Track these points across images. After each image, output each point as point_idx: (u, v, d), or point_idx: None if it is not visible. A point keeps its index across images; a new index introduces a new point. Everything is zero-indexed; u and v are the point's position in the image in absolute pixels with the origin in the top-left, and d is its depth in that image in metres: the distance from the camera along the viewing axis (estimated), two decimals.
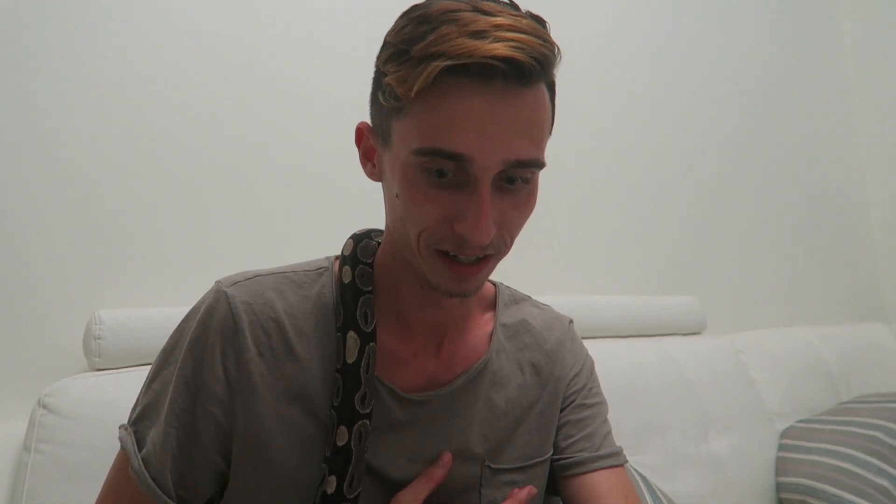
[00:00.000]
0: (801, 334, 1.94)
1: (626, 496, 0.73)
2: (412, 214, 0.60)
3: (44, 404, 1.06)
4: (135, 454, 0.66)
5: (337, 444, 0.65)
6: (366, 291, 0.69)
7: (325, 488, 0.64)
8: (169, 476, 0.66)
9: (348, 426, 0.65)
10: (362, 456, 0.66)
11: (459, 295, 0.64)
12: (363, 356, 0.66)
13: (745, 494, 1.54)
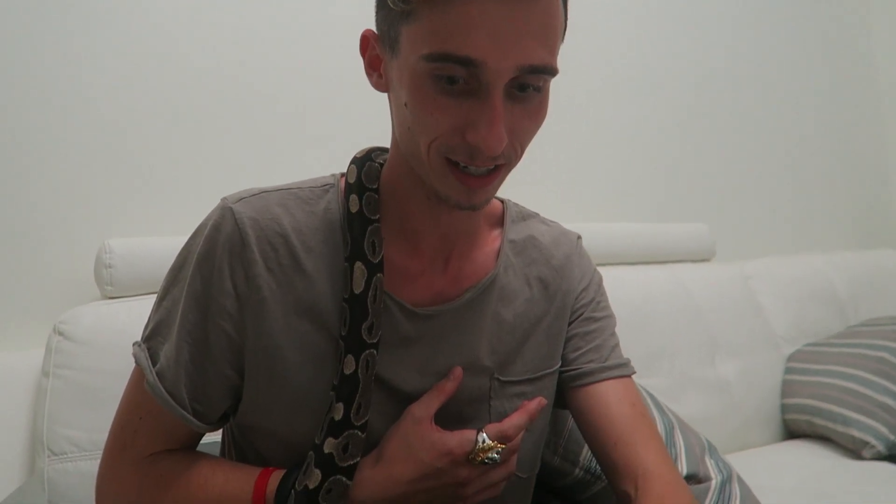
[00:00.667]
0: (810, 261, 1.94)
1: (634, 405, 0.74)
2: (422, 124, 0.59)
3: (59, 331, 1.08)
4: (149, 369, 0.67)
5: (344, 373, 0.65)
6: (373, 220, 0.68)
7: (333, 415, 0.65)
8: (184, 389, 0.67)
9: (356, 355, 0.65)
10: (369, 384, 0.66)
11: (469, 208, 0.63)
12: (370, 287, 0.66)
13: (751, 416, 1.57)
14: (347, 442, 0.64)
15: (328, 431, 0.65)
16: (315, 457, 0.64)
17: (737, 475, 0.96)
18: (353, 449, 0.65)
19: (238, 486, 0.68)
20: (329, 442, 0.64)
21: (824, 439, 1.52)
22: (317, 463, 0.64)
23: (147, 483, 0.69)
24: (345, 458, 0.64)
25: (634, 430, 0.71)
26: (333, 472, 0.64)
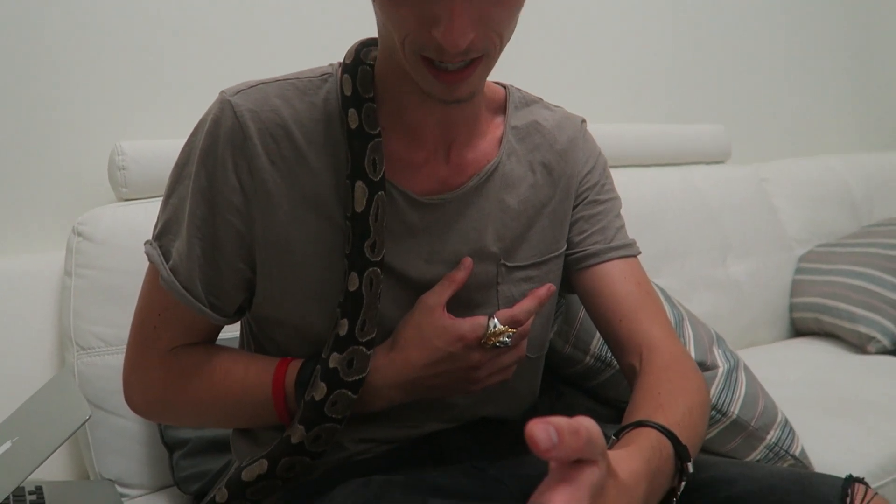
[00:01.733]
0: (826, 163, 1.91)
1: (639, 283, 0.75)
2: (391, 20, 0.58)
3: (78, 232, 1.09)
4: (163, 265, 0.68)
5: (349, 290, 0.66)
6: (373, 135, 0.67)
7: (338, 331, 0.66)
8: (199, 284, 0.68)
9: (359, 273, 0.66)
10: (374, 302, 0.67)
11: (453, 101, 0.63)
12: (371, 205, 0.67)
13: (760, 315, 1.60)
14: (352, 357, 0.66)
15: (333, 346, 0.66)
16: (321, 370, 0.66)
17: (743, 364, 0.98)
18: (357, 364, 0.66)
19: (258, 375, 0.70)
20: (334, 357, 0.65)
21: (831, 336, 1.54)
22: (322, 376, 0.65)
23: (171, 376, 0.72)
24: (350, 373, 0.66)
25: (639, 307, 0.73)
26: (338, 386, 0.65)
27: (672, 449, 0.56)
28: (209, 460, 0.95)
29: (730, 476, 0.66)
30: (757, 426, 0.92)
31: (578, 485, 0.40)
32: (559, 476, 0.40)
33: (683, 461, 0.56)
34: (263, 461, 0.68)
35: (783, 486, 0.63)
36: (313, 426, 0.66)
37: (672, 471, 0.56)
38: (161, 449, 1.02)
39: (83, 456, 1.06)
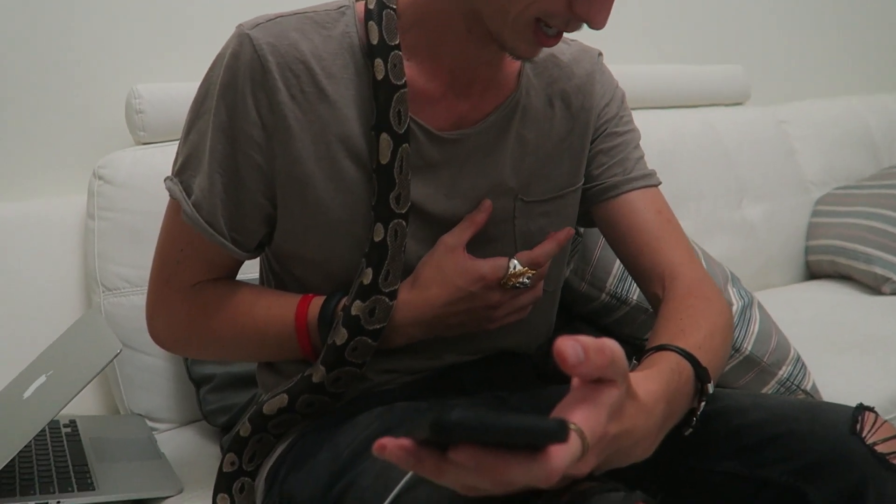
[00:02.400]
0: (847, 104, 1.88)
1: (660, 212, 0.76)
2: None
3: (99, 175, 1.11)
4: (185, 201, 0.69)
5: (374, 240, 0.67)
6: (399, 86, 0.67)
7: (362, 279, 0.67)
8: (221, 219, 0.69)
9: (384, 224, 0.67)
10: (398, 253, 0.68)
11: (529, 59, 0.66)
12: (396, 158, 0.66)
13: (774, 258, 1.60)
14: (374, 306, 0.67)
15: (356, 294, 0.67)
16: (343, 317, 0.67)
17: (757, 302, 0.99)
18: (379, 314, 0.67)
19: (281, 311, 0.72)
20: (357, 305, 0.67)
21: (846, 279, 1.55)
22: (344, 323, 0.67)
23: (195, 311, 0.73)
24: (371, 321, 0.67)
25: (661, 236, 0.74)
26: (359, 334, 0.67)
27: (692, 371, 0.57)
28: (235, 394, 0.98)
29: (742, 405, 0.68)
30: (770, 362, 0.94)
31: (598, 403, 0.41)
32: (579, 395, 0.42)
33: (703, 382, 0.58)
34: (284, 396, 0.70)
35: (794, 414, 0.65)
36: (334, 369, 0.68)
37: (692, 392, 0.57)
38: (188, 385, 1.05)
39: (113, 392, 1.10)
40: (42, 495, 0.76)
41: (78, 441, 0.93)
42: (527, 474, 0.35)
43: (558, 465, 0.36)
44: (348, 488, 0.59)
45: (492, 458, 0.35)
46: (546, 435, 0.34)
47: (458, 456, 0.35)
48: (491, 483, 0.37)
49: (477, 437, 0.34)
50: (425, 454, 0.36)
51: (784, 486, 0.61)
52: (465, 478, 0.37)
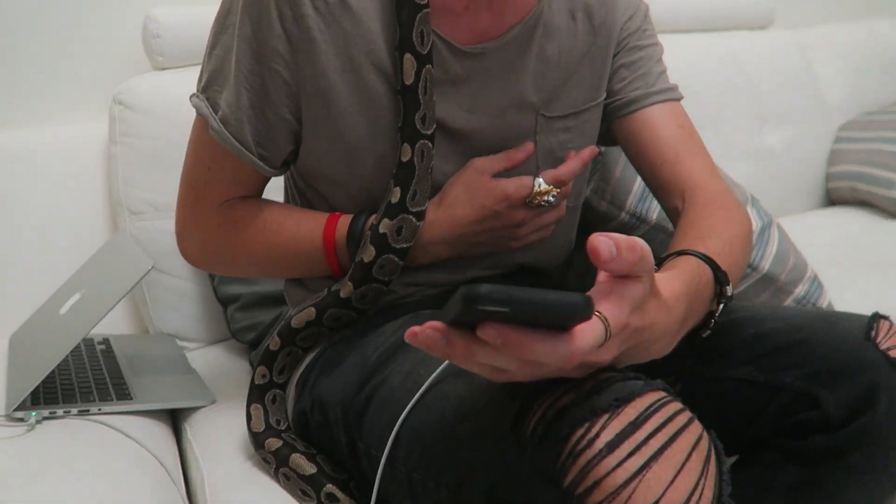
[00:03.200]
0: (875, 27, 1.82)
1: (682, 126, 0.76)
2: None
3: (119, 101, 1.11)
4: (212, 116, 0.70)
5: (401, 160, 0.68)
6: (422, 5, 0.66)
7: (390, 198, 0.69)
8: (248, 134, 0.70)
9: (411, 144, 0.67)
10: (425, 174, 0.69)
11: None
12: (420, 78, 0.66)
13: (794, 185, 1.59)
14: (402, 225, 0.68)
15: (384, 213, 0.68)
16: (371, 235, 0.69)
17: (776, 223, 1.00)
18: (406, 232, 0.69)
19: (309, 228, 0.73)
20: (384, 223, 0.68)
21: (865, 205, 1.54)
22: (372, 240, 0.68)
23: (225, 227, 0.75)
24: (398, 240, 0.69)
25: (682, 149, 0.74)
26: (386, 252, 0.69)
27: (712, 274, 0.59)
28: (262, 312, 1.01)
29: (758, 316, 0.69)
30: (786, 280, 0.95)
31: (622, 296, 0.43)
32: (605, 288, 0.43)
33: (722, 285, 0.59)
34: (311, 309, 0.72)
35: (810, 322, 0.66)
36: (361, 285, 0.70)
37: (711, 295, 0.59)
38: (215, 305, 1.09)
39: (142, 313, 1.13)
40: (83, 403, 0.80)
41: (113, 357, 0.97)
42: (551, 352, 0.37)
43: (581, 345, 0.37)
44: (377, 389, 0.62)
45: (518, 334, 0.37)
46: (572, 307, 0.36)
47: (485, 333, 0.36)
48: (517, 363, 0.38)
49: (505, 308, 0.34)
50: (455, 335, 0.38)
51: (797, 390, 0.63)
52: (492, 358, 0.38)
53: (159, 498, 0.69)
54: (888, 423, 0.60)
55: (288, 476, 0.67)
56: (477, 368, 0.41)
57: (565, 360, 0.38)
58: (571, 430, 0.42)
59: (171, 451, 0.81)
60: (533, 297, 0.35)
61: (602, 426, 0.41)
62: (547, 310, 0.35)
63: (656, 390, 0.43)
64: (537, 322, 0.37)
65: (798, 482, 0.64)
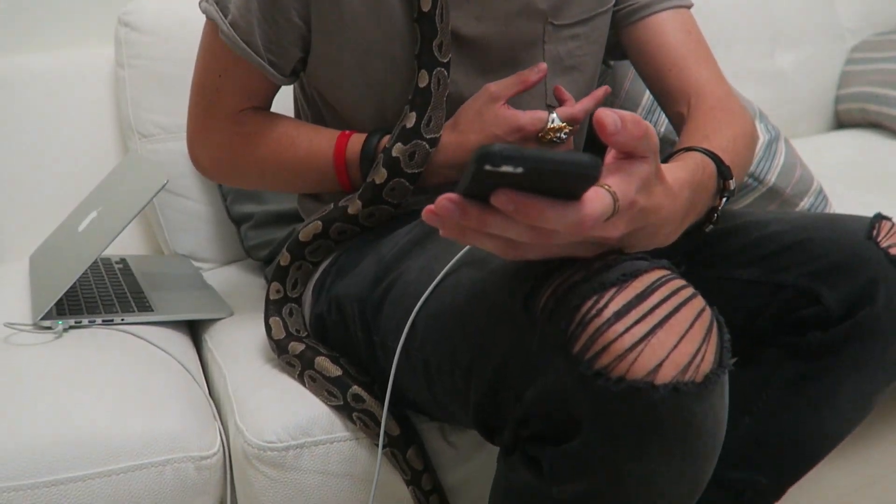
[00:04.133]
0: None
1: (689, 32, 0.76)
2: None
3: (125, 23, 1.11)
4: (222, 20, 0.69)
5: (418, 86, 0.69)
6: None
7: (405, 123, 0.69)
8: (258, 39, 0.70)
9: (428, 71, 0.68)
10: (441, 101, 0.69)
11: None
12: (436, 5, 0.66)
13: (804, 107, 1.57)
14: (415, 151, 0.70)
15: (398, 137, 0.69)
16: (384, 158, 0.70)
17: (784, 137, 1.00)
18: (418, 158, 0.70)
19: (321, 145, 0.74)
20: (398, 147, 0.69)
21: (875, 127, 1.53)
22: (385, 163, 0.69)
23: (237, 140, 0.76)
24: (410, 165, 0.70)
25: (689, 55, 0.74)
26: (398, 175, 0.70)
27: (715, 168, 0.60)
28: (274, 230, 1.03)
29: (763, 220, 0.71)
30: (792, 193, 0.96)
31: (629, 174, 0.44)
32: (612, 167, 0.44)
33: (726, 179, 0.60)
34: (318, 223, 0.74)
35: (813, 224, 0.68)
36: (370, 205, 0.72)
37: (714, 189, 0.60)
38: (228, 225, 1.11)
39: (157, 235, 1.15)
40: (107, 314, 0.83)
41: (131, 274, 0.99)
42: (562, 218, 0.38)
43: (591, 212, 0.39)
44: (394, 283, 0.64)
45: (530, 200, 0.38)
46: (581, 165, 0.36)
47: (498, 200, 0.38)
48: (529, 233, 0.40)
49: (518, 168, 0.35)
50: (469, 205, 0.39)
51: (798, 288, 0.65)
52: (505, 228, 0.40)
53: (185, 396, 0.72)
54: (886, 316, 0.62)
55: (314, 378, 0.70)
56: (490, 244, 0.42)
57: (576, 227, 0.39)
58: (581, 302, 0.44)
59: (193, 359, 0.85)
60: (545, 155, 0.36)
61: (610, 298, 0.43)
62: (558, 167, 0.36)
63: (662, 268, 0.45)
64: (549, 187, 0.38)
65: (797, 377, 0.66)
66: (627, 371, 0.42)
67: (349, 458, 0.69)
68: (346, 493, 0.69)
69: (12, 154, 1.11)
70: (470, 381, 0.54)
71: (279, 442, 0.67)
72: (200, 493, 0.68)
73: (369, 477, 0.69)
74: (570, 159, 0.36)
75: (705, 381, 0.43)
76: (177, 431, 0.67)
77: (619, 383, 0.42)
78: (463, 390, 0.56)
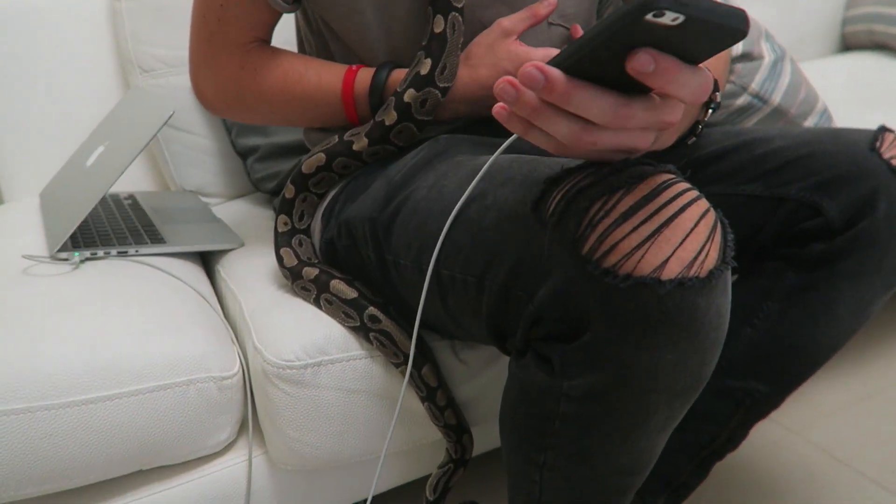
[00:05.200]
0: None
1: None
2: None
3: None
4: None
5: (434, 31, 0.68)
6: None
7: (420, 69, 0.69)
8: None
9: (444, 15, 0.68)
10: (456, 47, 0.69)
11: None
12: None
13: (810, 29, 1.55)
14: (426, 98, 0.70)
15: (411, 83, 0.69)
16: (395, 101, 0.70)
17: (789, 56, 0.99)
18: (429, 106, 0.70)
19: (330, 78, 0.74)
20: (410, 93, 0.69)
21: (882, 48, 1.51)
22: (396, 106, 0.70)
23: (245, 73, 0.76)
24: (421, 111, 0.70)
25: None
26: (407, 120, 0.70)
27: None
28: (280, 162, 1.04)
29: (768, 136, 0.71)
30: (797, 113, 0.96)
31: None
32: None
33: (714, 91, 0.61)
34: (322, 154, 0.74)
35: (818, 138, 0.68)
36: (376, 144, 0.72)
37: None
38: (234, 160, 1.11)
39: (163, 171, 1.16)
40: (120, 245, 0.84)
41: (140, 209, 1.01)
42: (691, 79, 0.39)
43: (710, 77, 0.40)
44: (404, 202, 0.65)
45: (669, 60, 0.37)
46: (738, 17, 0.36)
47: (639, 61, 0.36)
48: (611, 114, 0.40)
49: (681, 14, 0.34)
50: (556, 77, 0.38)
51: (800, 201, 0.66)
52: (589, 106, 0.39)
53: (203, 321, 0.75)
54: (885, 226, 0.63)
55: (330, 301, 0.72)
56: (564, 127, 0.41)
57: (701, 90, 0.39)
58: (590, 203, 0.45)
59: (207, 287, 0.87)
60: (706, 3, 0.34)
61: (618, 199, 0.44)
62: (718, 17, 0.35)
63: (668, 171, 0.46)
64: (688, 46, 0.37)
65: (797, 287, 0.68)
66: (635, 268, 0.44)
67: (365, 375, 0.71)
68: (363, 408, 0.72)
69: (14, 94, 1.11)
70: (483, 288, 0.56)
71: (297, 360, 0.69)
72: (223, 412, 0.71)
73: (385, 392, 0.72)
74: (728, 10, 0.35)
75: (709, 277, 0.44)
76: (198, 353, 0.69)
77: (627, 280, 0.44)
78: (476, 298, 0.57)
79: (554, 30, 0.76)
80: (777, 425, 1.06)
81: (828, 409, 1.09)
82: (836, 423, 1.06)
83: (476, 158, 0.64)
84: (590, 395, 0.50)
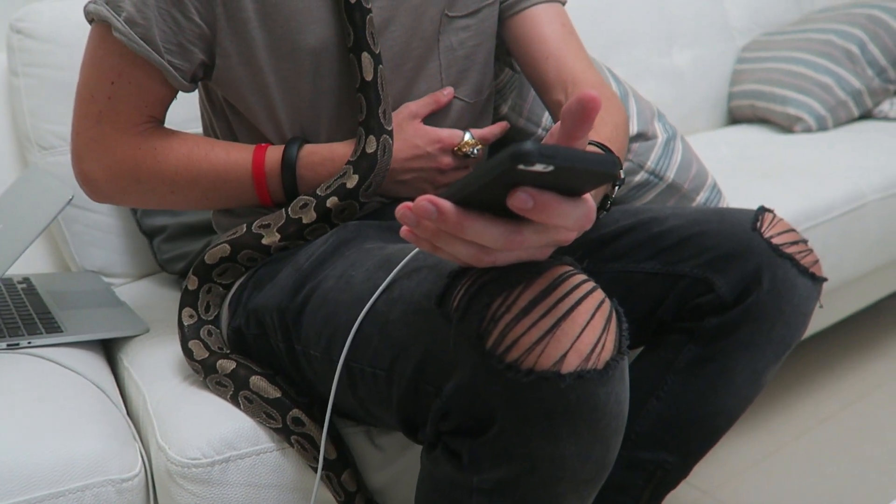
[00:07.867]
0: None
1: (564, 25, 0.81)
2: None
3: (17, 30, 1.06)
4: (115, 18, 0.66)
5: (366, 151, 0.72)
6: (368, 9, 0.70)
7: (346, 182, 0.72)
8: (157, 37, 0.67)
9: (377, 136, 0.72)
10: (385, 169, 0.73)
11: None
12: (377, 75, 0.71)
13: (699, 104, 1.67)
14: (347, 208, 0.73)
15: (336, 191, 0.72)
16: (316, 203, 0.72)
17: (680, 135, 1.06)
18: (347, 214, 0.74)
19: (238, 156, 0.74)
20: (333, 200, 0.72)
21: (763, 121, 1.64)
22: (315, 208, 0.72)
23: (142, 153, 0.72)
24: (339, 217, 0.74)
25: (564, 45, 0.80)
26: (324, 221, 0.73)
27: None
28: (189, 242, 1.01)
29: (662, 216, 0.76)
30: (690, 188, 1.02)
31: None
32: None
33: None
34: (226, 245, 0.73)
35: (705, 217, 0.73)
36: (290, 240, 0.73)
37: None
38: (139, 238, 1.08)
39: (63, 252, 1.11)
40: (12, 337, 0.79)
41: (36, 294, 0.95)
42: (574, 212, 0.41)
43: (593, 205, 0.42)
44: (313, 292, 0.65)
45: (548, 196, 0.39)
46: (608, 163, 0.38)
47: (518, 199, 0.38)
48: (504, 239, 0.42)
49: (550, 166, 0.36)
50: (448, 209, 0.40)
51: (695, 277, 0.71)
52: (482, 233, 0.41)
53: (102, 417, 0.71)
54: (770, 300, 0.68)
55: (250, 399, 0.68)
56: (464, 250, 0.43)
57: (583, 220, 0.42)
58: (491, 299, 0.46)
59: (108, 379, 0.82)
60: (575, 154, 0.37)
61: (518, 294, 0.46)
62: (587, 164, 0.37)
63: (564, 265, 0.48)
64: (563, 185, 0.40)
65: (696, 359, 0.72)
66: (536, 363, 0.45)
67: (276, 469, 0.69)
68: None
69: None
70: (392, 381, 0.56)
71: (204, 458, 0.66)
72: None
73: (297, 486, 0.70)
74: (598, 158, 0.38)
75: (606, 368, 0.46)
76: (95, 455, 0.65)
77: (529, 375, 0.45)
78: (385, 390, 0.57)
79: (456, 103, 0.81)
80: (690, 486, 1.09)
81: (736, 468, 1.13)
82: (745, 482, 1.10)
83: (385, 247, 0.65)
84: (500, 487, 0.50)
